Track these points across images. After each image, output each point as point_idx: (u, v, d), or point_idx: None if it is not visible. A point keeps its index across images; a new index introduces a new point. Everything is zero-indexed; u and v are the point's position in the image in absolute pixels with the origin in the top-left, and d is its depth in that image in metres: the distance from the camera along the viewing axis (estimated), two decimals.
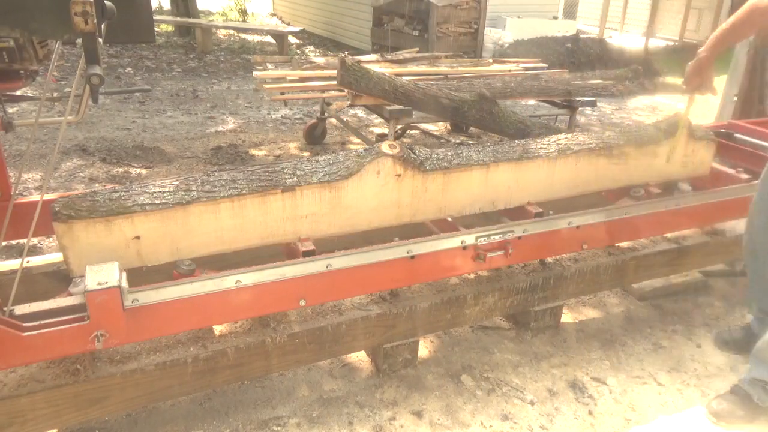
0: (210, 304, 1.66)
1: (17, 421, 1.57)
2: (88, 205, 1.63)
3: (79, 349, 1.53)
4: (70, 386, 1.60)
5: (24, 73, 1.67)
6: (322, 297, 1.88)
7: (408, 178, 1.97)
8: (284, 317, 1.93)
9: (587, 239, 2.25)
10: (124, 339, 1.57)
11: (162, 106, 6.29)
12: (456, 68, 4.98)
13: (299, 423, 1.96)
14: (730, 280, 2.99)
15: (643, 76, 8.56)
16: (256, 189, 1.78)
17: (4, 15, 1.25)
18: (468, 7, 9.02)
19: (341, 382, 2.16)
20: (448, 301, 2.13)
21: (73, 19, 1.17)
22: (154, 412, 1.97)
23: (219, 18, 13.53)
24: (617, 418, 2.06)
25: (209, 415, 1.98)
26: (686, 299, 2.82)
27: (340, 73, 3.58)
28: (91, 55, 1.23)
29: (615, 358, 2.38)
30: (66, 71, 6.98)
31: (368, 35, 10.12)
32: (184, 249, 1.75)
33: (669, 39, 11.47)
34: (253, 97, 6.90)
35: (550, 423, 2.02)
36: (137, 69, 8.00)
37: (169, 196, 1.71)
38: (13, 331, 1.43)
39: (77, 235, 1.60)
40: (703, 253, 2.66)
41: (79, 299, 1.56)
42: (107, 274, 1.51)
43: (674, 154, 2.48)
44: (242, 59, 9.04)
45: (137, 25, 1.54)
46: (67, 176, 4.18)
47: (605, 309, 2.73)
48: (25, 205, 1.93)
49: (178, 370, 1.73)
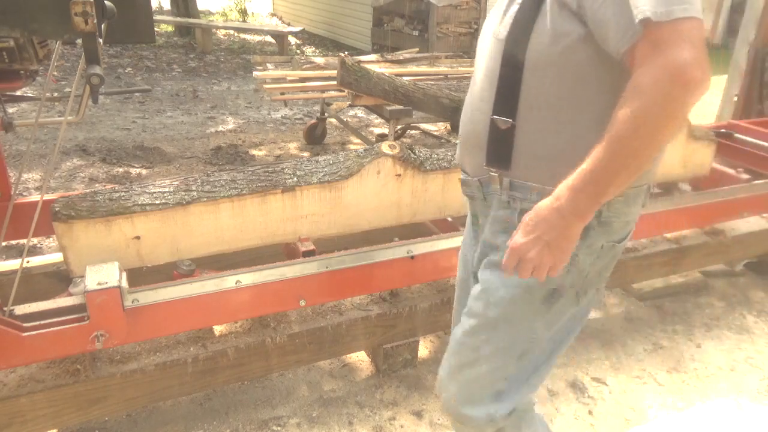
0: (210, 304, 1.66)
1: (17, 421, 1.57)
2: (88, 205, 1.63)
3: (79, 349, 1.53)
4: (70, 386, 1.60)
5: (24, 73, 1.67)
6: (322, 297, 1.88)
7: (408, 178, 1.97)
8: (284, 317, 1.92)
9: None
10: (124, 339, 1.57)
11: (162, 107, 6.29)
12: (456, 68, 4.98)
13: (299, 423, 1.96)
14: (730, 280, 2.99)
15: None
16: (256, 189, 1.78)
17: (4, 15, 1.25)
18: (468, 7, 9.01)
19: (341, 382, 2.16)
20: (448, 301, 2.12)
21: (73, 19, 1.17)
22: (154, 412, 1.97)
23: (219, 18, 13.53)
24: (617, 418, 2.06)
25: (209, 415, 1.97)
26: (686, 299, 2.81)
27: (340, 73, 3.58)
28: (91, 55, 1.23)
29: (615, 358, 2.37)
30: (66, 71, 6.98)
31: (368, 35, 10.12)
32: (184, 249, 1.75)
33: None
34: (253, 97, 6.90)
35: (550, 423, 2.02)
36: (137, 69, 7.99)
37: (169, 196, 1.71)
38: (13, 331, 1.43)
39: (77, 235, 1.60)
40: (703, 253, 2.66)
41: (79, 299, 1.56)
42: (107, 274, 1.52)
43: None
44: (242, 59, 9.04)
45: (137, 25, 1.53)
46: (67, 176, 4.18)
47: (605, 309, 2.73)
48: (25, 205, 1.93)
49: (178, 370, 1.73)
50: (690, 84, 0.93)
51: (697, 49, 0.93)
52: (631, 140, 0.96)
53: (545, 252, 1.05)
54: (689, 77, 0.92)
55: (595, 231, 1.16)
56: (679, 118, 0.98)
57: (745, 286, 2.95)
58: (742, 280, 3.00)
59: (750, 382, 2.27)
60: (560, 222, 1.03)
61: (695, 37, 0.94)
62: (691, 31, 0.94)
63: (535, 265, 1.07)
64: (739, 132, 3.01)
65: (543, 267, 1.07)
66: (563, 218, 1.03)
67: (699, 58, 0.93)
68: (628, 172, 1.00)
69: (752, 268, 3.05)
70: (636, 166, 0.99)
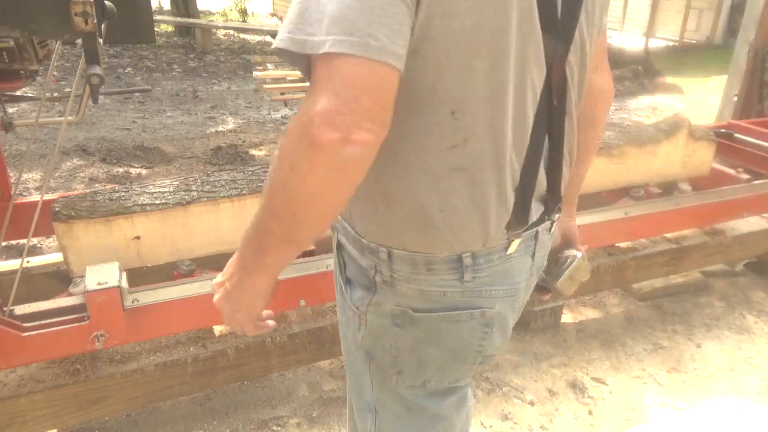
0: (210, 304, 1.65)
1: (17, 421, 1.57)
2: (88, 205, 1.63)
3: (79, 349, 1.53)
4: (70, 386, 1.60)
5: (24, 73, 1.67)
6: (322, 297, 1.88)
7: None
8: (284, 317, 1.92)
9: (586, 240, 2.24)
10: (124, 339, 1.57)
11: (162, 107, 6.29)
12: None
13: (299, 423, 1.96)
14: (730, 280, 2.99)
15: (643, 76, 8.60)
16: (256, 189, 1.78)
17: (4, 15, 1.25)
18: None
19: (341, 382, 2.16)
20: None
21: (73, 19, 1.17)
22: (154, 412, 1.97)
23: (219, 18, 13.52)
24: (617, 418, 2.06)
25: (209, 415, 1.97)
26: (686, 299, 2.82)
27: None
28: (91, 55, 1.23)
29: (615, 358, 2.38)
30: (66, 71, 6.98)
31: None
32: (184, 249, 1.75)
33: (669, 39, 11.47)
34: (253, 97, 6.90)
35: (550, 423, 2.02)
36: (137, 69, 7.99)
37: (169, 196, 1.71)
38: (13, 331, 1.43)
39: (77, 235, 1.60)
40: (703, 253, 2.66)
41: (79, 299, 1.56)
42: (107, 274, 1.51)
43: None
44: (242, 59, 9.03)
45: (137, 25, 1.53)
46: (67, 176, 4.18)
47: (605, 309, 2.73)
48: (25, 205, 1.92)
49: (178, 370, 1.73)
50: (316, 147, 0.69)
51: (341, 101, 0.68)
52: (269, 198, 0.79)
53: (224, 297, 0.96)
54: (314, 138, 0.69)
55: (381, 288, 0.96)
56: (318, 185, 0.73)
57: (745, 286, 2.95)
58: (742, 280, 3.00)
59: (750, 382, 2.27)
60: (236, 270, 0.91)
61: (345, 83, 0.68)
62: (341, 75, 0.68)
63: (217, 308, 0.98)
64: (739, 132, 3.01)
65: (223, 314, 0.97)
66: (237, 266, 0.91)
67: (338, 113, 0.68)
68: (276, 234, 0.82)
69: (752, 268, 3.05)
70: (282, 230, 0.81)
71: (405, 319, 0.96)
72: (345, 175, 0.73)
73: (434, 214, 0.87)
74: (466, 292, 0.94)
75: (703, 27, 10.90)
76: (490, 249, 0.93)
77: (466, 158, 0.84)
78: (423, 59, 0.77)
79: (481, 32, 0.77)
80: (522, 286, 1.02)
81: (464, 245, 0.91)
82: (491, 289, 0.96)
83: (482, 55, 0.78)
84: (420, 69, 0.77)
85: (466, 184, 0.86)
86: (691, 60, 9.57)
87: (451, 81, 0.79)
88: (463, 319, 0.96)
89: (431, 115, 0.81)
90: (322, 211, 0.79)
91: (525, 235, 0.97)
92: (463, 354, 1.01)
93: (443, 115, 0.81)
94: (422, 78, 0.78)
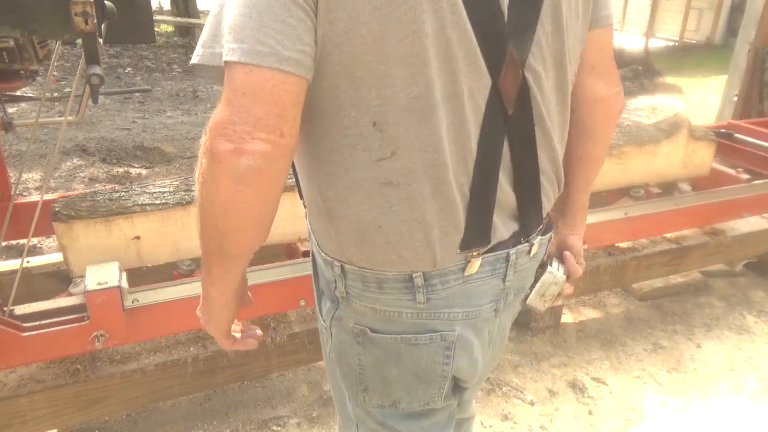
0: None
1: (17, 421, 1.57)
2: (88, 205, 1.63)
3: (79, 349, 1.53)
4: (70, 386, 1.60)
5: (24, 73, 1.67)
6: None
7: None
8: (284, 317, 1.92)
9: (586, 240, 2.24)
10: (124, 339, 1.56)
11: (162, 106, 6.29)
12: None
13: (299, 423, 1.96)
14: (730, 280, 2.99)
15: (643, 76, 8.60)
16: None
17: (4, 15, 1.25)
18: None
19: None
20: None
21: (73, 19, 1.17)
22: (154, 412, 1.97)
23: None
24: (617, 418, 2.06)
25: (209, 415, 1.98)
26: (686, 299, 2.82)
27: None
28: (91, 55, 1.23)
29: (615, 358, 2.38)
30: (66, 71, 6.98)
31: None
32: (184, 249, 1.75)
33: (669, 39, 11.47)
34: None
35: (550, 423, 2.02)
36: (137, 69, 7.99)
37: (169, 196, 1.71)
38: (13, 331, 1.43)
39: (77, 235, 1.60)
40: (703, 253, 2.66)
41: (79, 299, 1.56)
42: (107, 274, 1.51)
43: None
44: None
45: (137, 25, 1.53)
46: (67, 176, 4.18)
47: (605, 309, 2.73)
48: (25, 205, 1.92)
49: (178, 370, 1.73)
50: (215, 159, 0.68)
51: (233, 111, 0.67)
52: (197, 211, 0.78)
53: (199, 308, 0.96)
54: (212, 150, 0.68)
55: (341, 303, 0.94)
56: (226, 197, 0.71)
57: (745, 286, 2.95)
58: (742, 280, 3.00)
59: (750, 382, 2.27)
60: (201, 283, 0.92)
61: (237, 92, 0.67)
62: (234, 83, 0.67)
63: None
64: (739, 132, 3.01)
65: (202, 324, 0.97)
66: (201, 279, 0.91)
67: (231, 123, 0.67)
68: (209, 248, 0.81)
69: (752, 268, 3.05)
70: (212, 244, 0.79)
71: (365, 339, 0.94)
72: (250, 187, 0.70)
73: (372, 230, 0.83)
74: (422, 314, 0.89)
75: (703, 27, 10.90)
76: (443, 270, 0.87)
77: (396, 172, 0.79)
78: (334, 66, 0.72)
79: (389, 37, 0.71)
80: (486, 309, 0.94)
81: (409, 264, 0.85)
82: (449, 312, 0.90)
83: (395, 62, 0.73)
84: (333, 77, 0.73)
85: (402, 199, 0.80)
86: (691, 60, 9.58)
87: (367, 90, 0.74)
88: (422, 343, 0.91)
89: (353, 127, 0.77)
90: (241, 224, 0.75)
91: (490, 257, 0.90)
92: (427, 377, 0.96)
93: (364, 126, 0.76)
94: (337, 86, 0.74)
